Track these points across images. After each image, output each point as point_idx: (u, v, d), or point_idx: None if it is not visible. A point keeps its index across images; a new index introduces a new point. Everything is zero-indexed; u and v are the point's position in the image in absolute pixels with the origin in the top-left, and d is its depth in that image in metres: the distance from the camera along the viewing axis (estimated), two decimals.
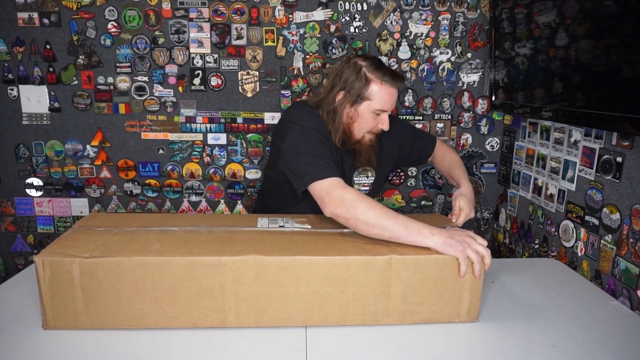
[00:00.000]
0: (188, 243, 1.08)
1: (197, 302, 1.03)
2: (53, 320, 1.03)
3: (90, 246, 1.05)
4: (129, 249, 1.04)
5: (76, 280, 1.00)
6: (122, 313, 1.02)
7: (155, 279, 1.01)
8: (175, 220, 1.25)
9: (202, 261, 1.01)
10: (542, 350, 1.01)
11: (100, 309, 1.02)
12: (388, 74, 1.40)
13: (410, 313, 1.07)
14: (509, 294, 1.26)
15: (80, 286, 1.00)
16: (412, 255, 1.04)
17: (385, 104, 1.41)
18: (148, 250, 1.03)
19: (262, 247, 1.06)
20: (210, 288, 1.02)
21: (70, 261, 0.99)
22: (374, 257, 1.03)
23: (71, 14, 1.88)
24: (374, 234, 1.12)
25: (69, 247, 1.05)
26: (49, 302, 1.01)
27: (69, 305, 1.01)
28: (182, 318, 1.03)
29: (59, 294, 1.01)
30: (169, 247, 1.06)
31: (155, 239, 1.10)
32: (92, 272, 1.00)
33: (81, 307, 1.02)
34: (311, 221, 1.26)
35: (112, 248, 1.04)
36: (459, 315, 1.09)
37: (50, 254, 1.01)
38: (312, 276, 1.03)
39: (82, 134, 1.99)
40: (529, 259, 1.74)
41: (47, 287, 1.00)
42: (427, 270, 1.05)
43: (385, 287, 1.05)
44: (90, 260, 0.99)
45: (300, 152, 1.31)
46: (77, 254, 1.00)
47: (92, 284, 1.00)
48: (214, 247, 1.05)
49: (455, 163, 1.65)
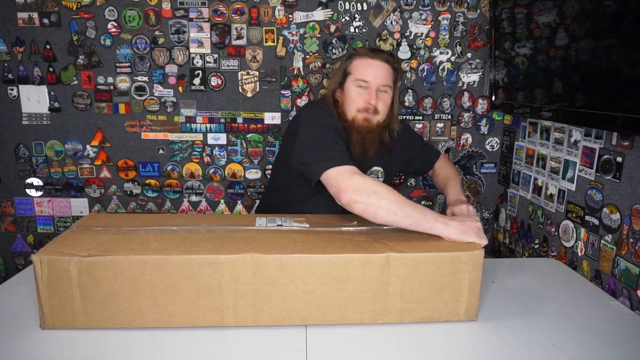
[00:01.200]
0: (186, 242, 1.08)
1: (195, 300, 1.02)
2: (51, 319, 1.02)
3: (88, 245, 1.05)
4: (127, 248, 1.03)
5: (74, 279, 0.99)
6: (120, 312, 1.02)
7: (153, 277, 1.00)
8: (174, 220, 1.25)
9: (200, 259, 1.00)
10: (543, 349, 1.01)
11: (98, 308, 1.02)
12: (371, 49, 1.48)
13: (409, 311, 1.07)
14: (508, 293, 1.26)
15: (78, 285, 1.00)
16: (410, 253, 1.04)
17: (365, 74, 1.42)
18: (146, 249, 1.03)
19: (260, 245, 1.06)
20: (208, 287, 1.02)
21: (68, 260, 0.98)
22: (372, 255, 1.03)
23: (71, 14, 1.88)
24: (393, 222, 1.12)
25: (67, 246, 1.04)
26: (46, 301, 1.01)
27: (67, 304, 1.01)
28: (180, 317, 1.03)
29: (57, 293, 1.00)
30: (167, 245, 1.06)
31: (154, 238, 1.10)
32: (90, 270, 0.99)
33: (79, 306, 1.01)
34: (309, 220, 1.26)
35: (110, 247, 1.04)
36: (458, 314, 1.09)
37: (48, 252, 1.00)
38: (310, 274, 1.03)
39: (82, 134, 1.99)
40: (529, 259, 1.74)
41: (45, 286, 1.00)
42: (426, 269, 1.05)
43: (383, 285, 1.04)
44: (88, 259, 0.99)
45: (315, 143, 1.31)
46: (75, 253, 1.00)
47: (90, 283, 1.00)
48: (212, 246, 1.05)
49: (454, 178, 1.61)
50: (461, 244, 1.10)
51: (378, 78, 1.43)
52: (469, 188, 2.11)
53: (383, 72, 1.43)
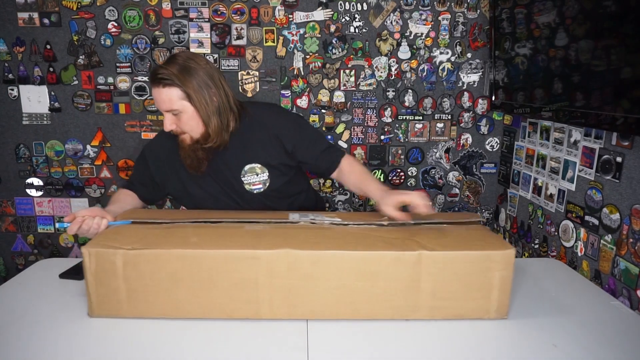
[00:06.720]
0: (224, 237, 1.12)
1: (232, 293, 1.06)
2: (98, 308, 1.08)
3: (132, 239, 1.09)
4: (168, 242, 1.08)
5: (119, 270, 1.04)
6: (161, 302, 1.07)
7: (193, 270, 1.05)
8: (210, 215, 1.29)
9: (238, 254, 1.04)
10: (543, 349, 1.01)
11: (141, 298, 1.06)
12: (151, 74, 1.33)
13: (439, 308, 1.08)
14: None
15: (123, 276, 1.05)
16: (442, 252, 1.05)
17: (156, 103, 1.35)
18: (186, 243, 1.08)
19: (295, 241, 1.09)
20: (245, 280, 1.05)
21: (114, 252, 1.04)
22: (403, 252, 1.05)
23: (71, 14, 1.88)
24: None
25: (112, 239, 1.10)
26: (94, 291, 1.06)
27: (112, 294, 1.06)
28: (217, 309, 1.07)
29: (103, 283, 1.06)
30: (206, 240, 1.10)
31: (193, 233, 1.15)
32: (134, 263, 1.04)
33: (124, 296, 1.06)
34: (341, 216, 1.29)
35: (152, 241, 1.09)
36: (488, 312, 1.09)
37: (96, 245, 1.06)
38: (342, 270, 1.05)
39: (82, 134, 1.99)
40: (529, 259, 1.75)
41: (93, 276, 1.05)
42: (457, 267, 1.05)
43: (415, 282, 1.06)
44: (132, 251, 1.04)
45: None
46: (120, 246, 1.05)
47: (134, 275, 1.05)
48: (248, 241, 1.09)
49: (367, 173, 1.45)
50: (492, 243, 1.10)
51: (162, 103, 1.32)
52: (469, 188, 2.12)
53: (160, 98, 1.32)
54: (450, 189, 2.11)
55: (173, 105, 1.31)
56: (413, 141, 2.05)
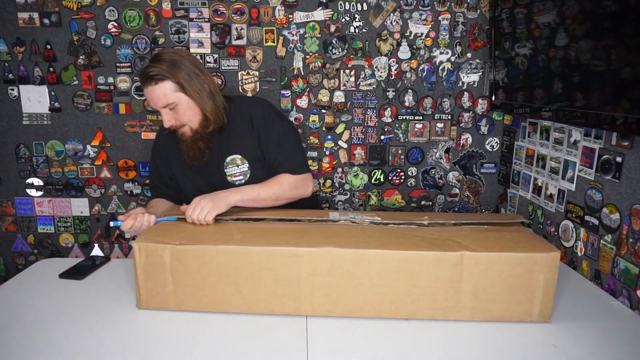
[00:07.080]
0: (267, 234, 1.15)
1: (275, 289, 1.08)
2: (146, 300, 1.12)
3: (179, 235, 1.14)
4: (214, 238, 1.13)
5: (167, 265, 1.08)
6: (206, 297, 1.10)
7: (237, 266, 1.07)
8: (252, 213, 1.31)
9: (281, 251, 1.06)
10: (543, 349, 1.01)
11: (188, 292, 1.10)
12: (140, 74, 1.39)
13: (480, 310, 1.08)
14: None
15: (170, 270, 1.09)
16: (484, 253, 1.05)
17: (149, 103, 1.41)
18: (231, 240, 1.11)
19: (337, 239, 1.11)
20: (288, 277, 1.07)
21: (163, 247, 1.08)
22: (445, 252, 1.05)
23: (71, 14, 1.88)
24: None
25: (160, 235, 1.15)
26: (143, 284, 1.11)
27: (160, 287, 1.11)
28: (260, 304, 1.09)
29: (152, 277, 1.10)
30: (250, 237, 1.13)
31: (236, 230, 1.19)
32: (181, 257, 1.08)
33: (171, 289, 1.10)
34: (380, 215, 1.31)
35: (198, 237, 1.14)
36: (531, 315, 1.09)
37: (145, 240, 1.10)
38: (384, 269, 1.06)
39: (83, 134, 1.99)
40: None
41: (142, 270, 1.09)
42: (499, 268, 1.05)
43: (456, 283, 1.06)
44: (179, 247, 1.08)
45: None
46: (168, 241, 1.09)
47: (180, 269, 1.09)
48: (291, 239, 1.11)
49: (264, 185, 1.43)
50: (536, 245, 1.10)
51: (157, 101, 1.36)
52: (469, 188, 2.12)
53: (155, 95, 1.36)
54: (450, 189, 2.11)
55: (169, 99, 1.35)
56: (413, 141, 2.05)
